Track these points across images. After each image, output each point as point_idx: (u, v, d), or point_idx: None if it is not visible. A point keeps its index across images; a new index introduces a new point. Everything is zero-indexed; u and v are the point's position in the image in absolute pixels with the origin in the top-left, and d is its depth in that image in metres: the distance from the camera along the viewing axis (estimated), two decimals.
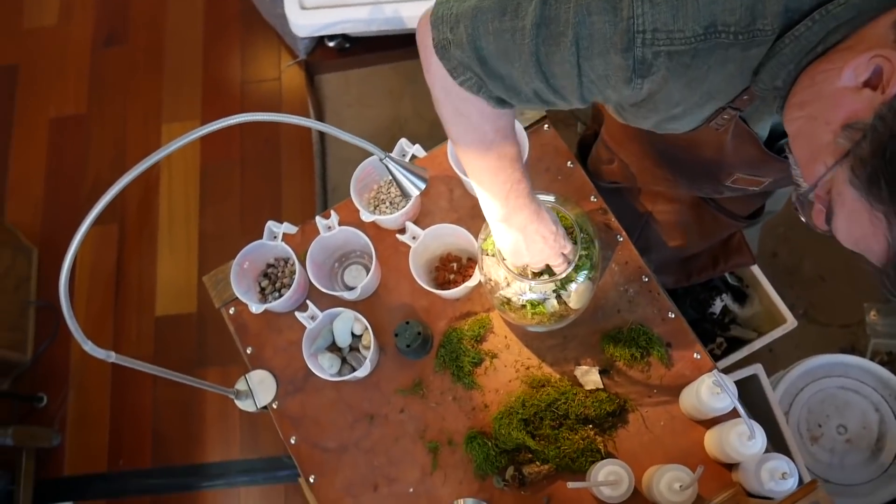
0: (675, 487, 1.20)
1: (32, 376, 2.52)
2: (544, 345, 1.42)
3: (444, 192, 1.52)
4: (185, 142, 0.88)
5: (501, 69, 0.90)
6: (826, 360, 1.79)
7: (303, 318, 1.39)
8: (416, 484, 1.39)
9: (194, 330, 2.48)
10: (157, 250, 2.59)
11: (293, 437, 1.44)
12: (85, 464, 2.43)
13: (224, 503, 2.34)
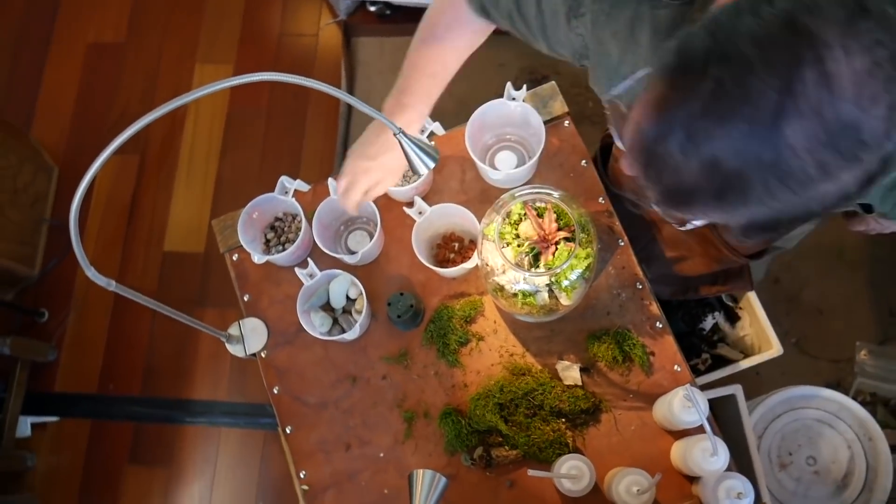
0: (633, 490, 1.24)
1: (37, 292, 2.58)
2: (531, 335, 1.45)
3: (457, 173, 1.55)
4: (213, 90, 0.90)
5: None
6: (807, 391, 1.82)
7: (302, 274, 1.43)
8: (387, 450, 1.43)
9: (199, 270, 2.53)
10: (173, 187, 2.63)
11: (276, 388, 1.48)
12: (76, 383, 2.50)
13: (204, 440, 2.40)
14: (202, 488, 2.37)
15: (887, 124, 0.58)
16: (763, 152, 0.59)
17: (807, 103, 0.57)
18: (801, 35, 0.57)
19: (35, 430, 2.45)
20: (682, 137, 0.62)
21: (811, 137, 0.58)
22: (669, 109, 0.63)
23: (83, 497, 2.39)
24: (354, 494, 1.41)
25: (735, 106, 0.59)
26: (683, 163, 0.63)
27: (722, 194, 0.63)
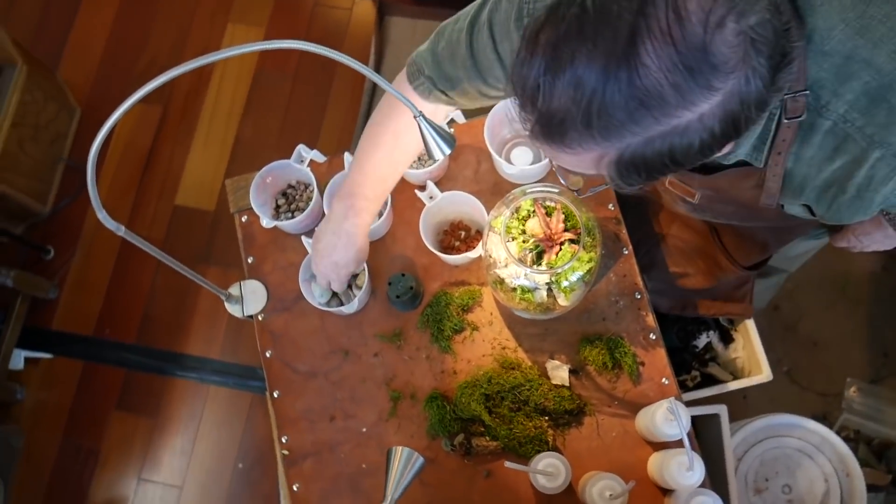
0: (606, 495, 1.25)
1: (46, 229, 2.60)
2: (525, 331, 1.46)
3: (472, 163, 1.56)
4: (243, 51, 0.91)
5: (450, 70, 1.08)
6: (792, 420, 1.82)
7: (308, 243, 1.44)
8: (370, 426, 1.45)
9: (207, 228, 2.55)
10: (192, 142, 2.65)
11: (269, 351, 1.50)
12: (73, 323, 2.52)
13: (192, 395, 2.43)
14: (185, 442, 2.40)
15: (737, 52, 0.62)
16: (620, 71, 0.62)
17: (657, 24, 0.61)
18: None
19: (28, 364, 2.49)
20: (550, 59, 0.66)
21: (663, 57, 0.62)
22: (540, 36, 0.67)
23: (67, 435, 2.43)
24: (333, 465, 1.44)
25: (596, 27, 0.63)
26: (547, 87, 0.67)
27: (589, 119, 0.66)
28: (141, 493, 2.37)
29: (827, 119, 0.79)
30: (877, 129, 0.77)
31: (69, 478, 2.40)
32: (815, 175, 0.86)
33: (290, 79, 2.69)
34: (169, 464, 2.39)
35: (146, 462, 2.39)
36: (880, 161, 0.79)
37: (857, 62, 0.76)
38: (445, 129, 1.09)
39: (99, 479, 2.39)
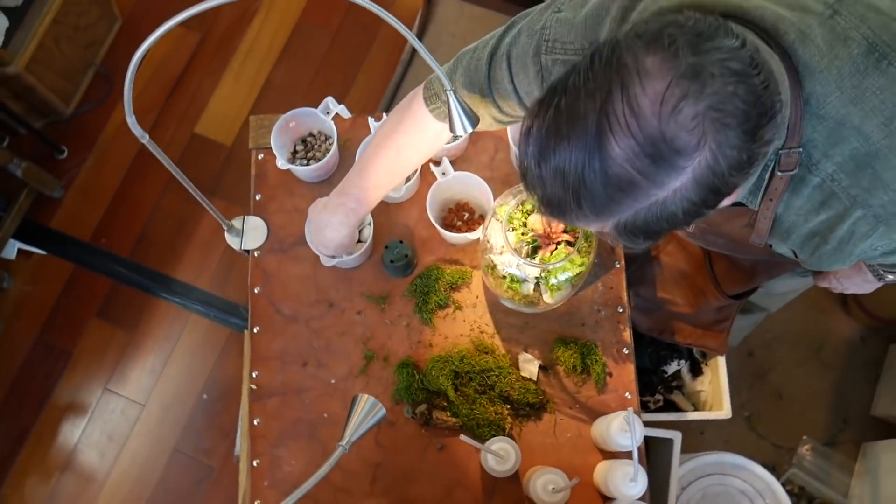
0: (548, 488, 1.30)
1: (64, 129, 2.63)
2: (505, 320, 1.51)
3: (490, 150, 1.59)
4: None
5: (466, 97, 1.13)
6: (741, 462, 1.87)
7: None
8: (339, 378, 1.49)
9: (220, 161, 2.58)
10: (223, 75, 2.68)
11: (258, 288, 1.54)
12: (72, 226, 2.56)
13: (172, 319, 2.47)
14: (156, 362, 2.44)
15: (696, 133, 0.68)
16: (593, 164, 0.70)
17: (617, 120, 0.68)
18: (614, 67, 0.70)
19: (20, 255, 2.52)
20: (536, 153, 0.74)
21: (626, 148, 0.69)
22: (528, 131, 0.75)
23: (44, 332, 2.47)
24: (296, 409, 1.48)
25: (568, 128, 0.71)
26: (539, 175, 0.75)
27: (579, 201, 0.73)
28: (104, 402, 2.41)
29: (816, 176, 0.85)
30: (860, 192, 0.83)
31: (37, 374, 2.44)
32: (801, 223, 0.92)
33: (331, 35, 2.72)
34: (136, 380, 2.43)
35: (115, 374, 2.44)
36: (861, 220, 0.85)
37: (849, 128, 0.81)
38: (470, 108, 1.13)
39: (66, 381, 2.43)
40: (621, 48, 0.71)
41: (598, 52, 0.73)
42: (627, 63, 0.69)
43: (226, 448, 2.36)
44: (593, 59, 0.72)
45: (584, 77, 0.72)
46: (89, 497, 2.33)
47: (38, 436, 2.39)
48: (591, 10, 0.94)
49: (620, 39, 0.72)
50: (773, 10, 0.82)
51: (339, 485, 1.44)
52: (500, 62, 1.06)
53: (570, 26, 0.95)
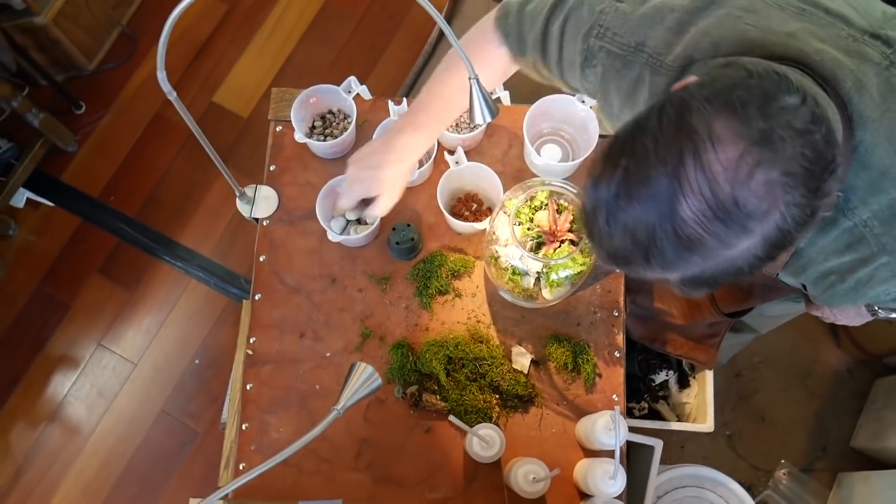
0: (529, 478, 1.33)
1: (84, 85, 2.66)
2: (503, 312, 1.53)
3: (503, 145, 1.62)
4: None
5: (525, 33, 1.14)
6: (719, 477, 1.90)
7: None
8: (335, 353, 1.52)
9: (235, 132, 2.60)
10: (247, 47, 2.71)
11: (263, 256, 1.56)
12: (83, 181, 2.58)
13: (173, 283, 2.49)
14: (151, 324, 2.47)
15: (768, 198, 0.70)
16: (664, 225, 0.72)
17: (690, 187, 0.70)
18: (684, 132, 0.71)
19: (28, 205, 2.55)
20: (605, 213, 0.76)
21: (699, 213, 0.70)
22: (596, 191, 0.77)
23: (44, 283, 2.49)
24: (289, 378, 1.51)
25: (639, 190, 0.73)
26: (608, 233, 0.77)
27: (647, 257, 0.75)
28: (97, 357, 2.44)
29: (849, 220, 0.87)
30: (890, 240, 0.86)
31: (34, 323, 2.46)
32: (820, 262, 0.95)
33: (357, 18, 2.74)
34: (131, 339, 2.46)
35: (110, 331, 2.46)
36: (885, 266, 0.88)
37: (890, 179, 0.84)
38: (492, 99, 1.16)
39: (62, 333, 2.45)
40: (691, 111, 0.72)
41: (664, 112, 0.74)
42: (698, 129, 0.71)
43: (213, 414, 2.39)
44: (661, 120, 0.73)
45: (653, 140, 0.73)
46: (73, 449, 2.36)
47: (28, 384, 2.42)
48: (648, 10, 0.96)
49: (688, 100, 0.73)
50: (832, 57, 0.84)
51: (324, 455, 1.47)
52: (556, 19, 1.07)
53: (625, 20, 0.97)
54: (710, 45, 0.89)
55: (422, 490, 1.46)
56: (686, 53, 0.92)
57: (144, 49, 2.70)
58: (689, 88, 0.75)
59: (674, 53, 0.93)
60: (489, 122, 1.56)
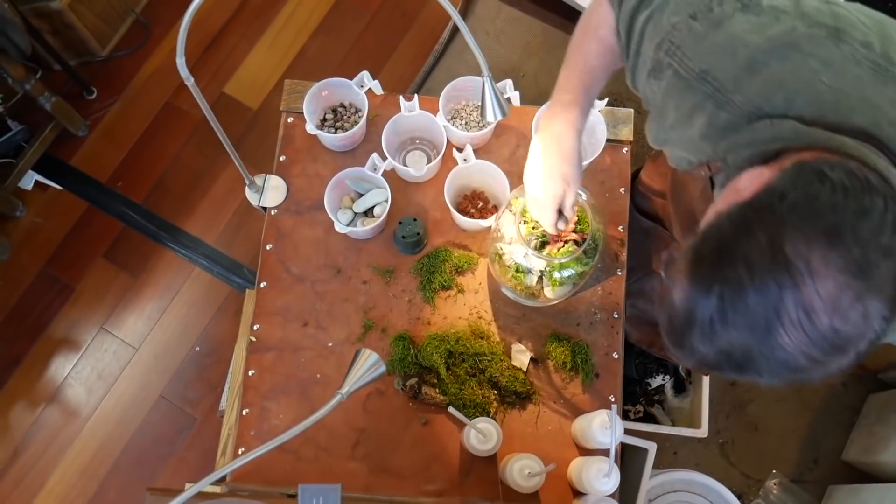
0: (524, 473, 1.35)
1: (96, 71, 2.68)
2: (504, 310, 1.55)
3: (511, 145, 1.64)
4: None
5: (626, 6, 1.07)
6: (710, 483, 1.92)
7: (371, 161, 1.53)
8: (337, 343, 1.54)
9: (244, 123, 2.63)
10: (259, 40, 2.73)
11: (270, 245, 1.58)
12: (91, 166, 2.60)
13: (176, 270, 2.51)
14: (153, 310, 2.49)
15: (864, 326, 0.72)
16: (762, 349, 0.74)
17: (790, 319, 0.72)
18: (780, 264, 0.71)
19: (36, 187, 2.57)
20: (699, 334, 0.77)
21: (797, 341, 0.72)
22: (688, 312, 0.77)
23: (49, 265, 2.51)
24: (291, 366, 1.52)
25: (736, 319, 0.74)
26: (703, 352, 0.78)
27: (741, 371, 0.77)
28: (98, 341, 2.45)
29: None
30: None
31: (37, 304, 2.48)
32: None
33: (369, 15, 2.76)
34: (133, 324, 2.47)
35: (112, 315, 2.48)
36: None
37: None
38: (504, 100, 1.18)
39: (64, 315, 2.47)
40: (784, 240, 0.72)
41: (754, 237, 0.73)
42: (795, 262, 0.71)
43: (211, 402, 2.40)
44: (752, 246, 0.73)
45: (747, 270, 0.73)
46: (72, 431, 2.37)
47: (30, 365, 2.43)
48: (721, 39, 0.92)
49: (779, 227, 0.73)
50: None
51: (322, 444, 1.49)
52: (640, 14, 1.03)
53: (696, 42, 0.94)
54: (784, 100, 0.87)
55: (417, 482, 1.47)
56: (757, 102, 0.89)
57: (157, 38, 2.72)
58: (775, 209, 0.74)
59: (742, 94, 0.91)
60: (499, 121, 1.58)
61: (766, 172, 0.80)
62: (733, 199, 0.80)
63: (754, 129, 0.89)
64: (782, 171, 0.78)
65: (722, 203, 0.83)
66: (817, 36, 0.87)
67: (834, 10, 0.89)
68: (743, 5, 0.91)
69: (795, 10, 0.89)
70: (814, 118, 0.85)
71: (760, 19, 0.90)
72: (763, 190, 0.77)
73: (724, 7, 0.92)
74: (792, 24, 0.88)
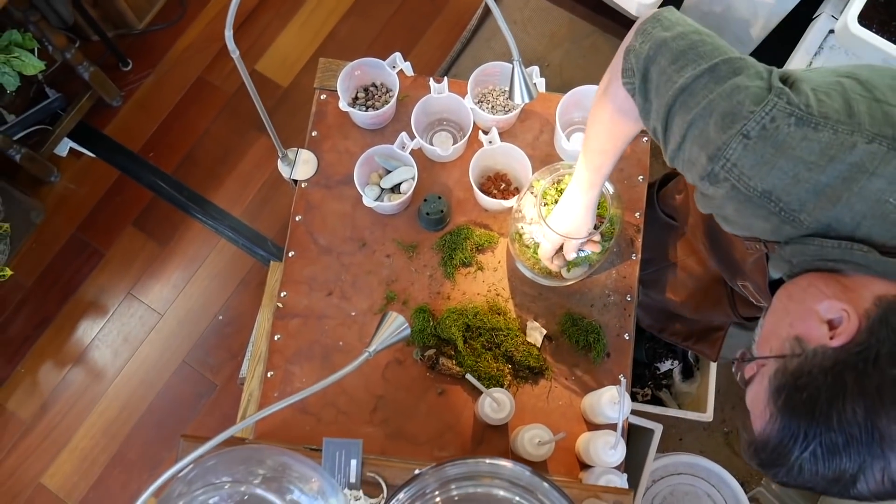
0: (534, 441, 1.41)
1: (132, 43, 2.75)
2: (521, 288, 1.61)
3: (535, 130, 1.70)
4: None
5: (650, 94, 1.05)
6: (714, 468, 1.98)
7: (400, 140, 1.60)
8: (359, 313, 1.60)
9: (275, 99, 2.69)
10: (291, 19, 2.79)
11: (299, 216, 1.65)
12: (124, 136, 2.68)
13: (203, 241, 2.59)
14: (179, 278, 2.56)
15: None
16: (839, 491, 0.81)
17: (874, 478, 0.79)
18: (875, 438, 0.77)
19: (71, 154, 2.65)
20: (785, 475, 0.84)
21: (873, 493, 0.80)
22: (778, 450, 0.84)
23: (80, 230, 2.59)
24: (315, 332, 1.59)
25: (825, 472, 0.80)
26: (785, 480, 0.85)
27: (818, 493, 0.87)
28: (125, 306, 2.54)
29: None
30: None
31: (68, 268, 2.56)
32: None
33: (399, 0, 2.82)
34: (159, 291, 2.55)
35: (140, 281, 2.56)
36: None
37: None
38: (532, 84, 1.24)
39: (93, 279, 2.55)
40: (879, 416, 0.77)
41: (847, 406, 0.79)
42: (886, 436, 0.77)
43: (231, 370, 2.48)
44: (847, 415, 0.78)
45: (844, 438, 0.78)
46: (97, 390, 2.46)
47: (59, 326, 2.52)
48: (783, 164, 0.88)
49: (875, 402, 0.78)
50: None
51: (342, 408, 1.55)
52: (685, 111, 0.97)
53: (756, 164, 0.89)
54: (852, 222, 0.86)
55: (431, 448, 1.54)
56: (825, 222, 0.88)
57: (192, 13, 2.79)
58: (870, 375, 0.79)
59: (809, 213, 0.88)
60: (524, 105, 1.64)
61: (853, 317, 0.83)
62: (817, 332, 0.85)
63: (822, 245, 0.88)
64: (868, 317, 0.83)
65: (801, 325, 0.88)
66: (879, 152, 0.84)
67: (885, 111, 0.87)
68: (797, 119, 0.86)
69: (850, 119, 0.86)
70: (883, 241, 0.85)
71: (819, 135, 0.86)
72: (854, 346, 0.82)
73: (777, 124, 0.87)
74: (852, 141, 0.84)
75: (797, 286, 0.94)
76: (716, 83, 0.94)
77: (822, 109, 0.87)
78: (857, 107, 0.87)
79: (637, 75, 1.06)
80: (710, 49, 0.98)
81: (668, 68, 1.00)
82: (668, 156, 1.05)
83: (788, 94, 0.88)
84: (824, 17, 2.04)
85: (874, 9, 1.83)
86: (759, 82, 0.92)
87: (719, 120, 0.92)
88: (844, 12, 1.84)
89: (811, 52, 2.03)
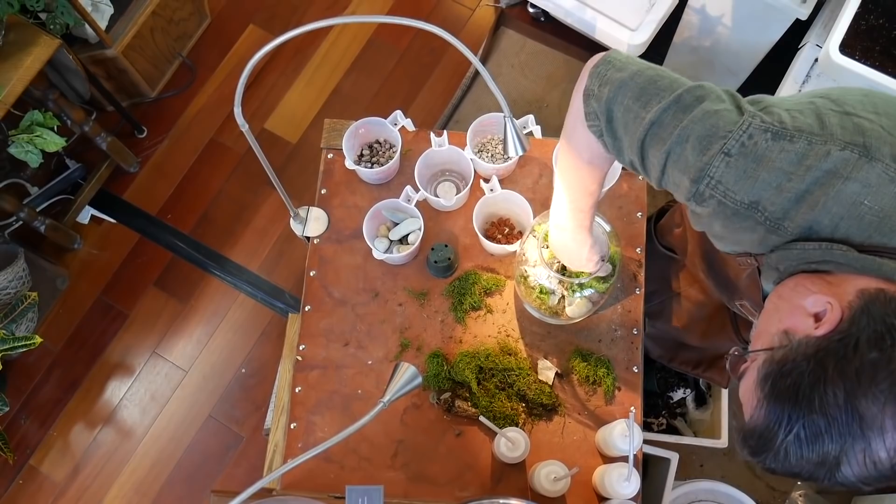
0: (550, 477, 1.46)
1: (146, 111, 2.87)
2: (530, 328, 1.67)
3: (534, 175, 1.77)
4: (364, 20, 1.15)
5: (618, 133, 1.12)
6: (734, 493, 2.00)
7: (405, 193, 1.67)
8: (376, 361, 1.66)
9: (284, 156, 2.79)
10: (297, 78, 2.90)
11: (314, 271, 1.72)
12: (142, 200, 2.78)
13: (222, 296, 2.67)
14: (202, 334, 2.64)
15: None
16: (824, 475, 0.85)
17: (857, 460, 0.82)
18: (856, 420, 0.81)
19: (92, 221, 2.75)
20: (772, 460, 0.88)
21: (859, 474, 0.83)
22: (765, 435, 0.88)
23: (105, 294, 2.68)
24: (334, 382, 1.65)
25: (809, 455, 0.84)
26: (772, 467, 0.89)
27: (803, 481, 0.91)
28: (150, 364, 2.61)
29: None
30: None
31: (94, 330, 2.65)
32: None
33: (399, 53, 2.92)
34: (183, 348, 2.63)
35: (164, 340, 2.64)
36: None
37: None
38: (524, 136, 1.31)
39: (119, 340, 2.64)
40: (857, 397, 0.80)
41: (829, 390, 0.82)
42: (867, 418, 0.80)
43: (256, 421, 2.54)
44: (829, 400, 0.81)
45: (825, 421, 0.82)
46: (127, 449, 2.53)
47: (88, 387, 2.60)
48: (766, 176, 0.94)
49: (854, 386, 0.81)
50: None
51: (364, 454, 1.61)
52: (659, 142, 1.03)
53: (740, 179, 0.95)
54: (830, 224, 0.91)
55: (452, 488, 1.59)
56: (806, 226, 0.93)
57: (202, 78, 2.91)
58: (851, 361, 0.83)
59: (791, 220, 0.94)
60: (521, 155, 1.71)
61: (836, 307, 0.87)
62: (803, 325, 0.90)
63: (805, 249, 0.93)
64: (851, 308, 0.87)
65: (789, 320, 0.92)
66: (851, 158, 0.90)
67: (856, 122, 0.93)
68: (773, 133, 0.93)
69: (822, 131, 0.92)
70: (861, 240, 0.91)
71: (795, 146, 0.92)
72: (836, 334, 0.86)
73: (756, 140, 0.94)
74: (826, 150, 0.91)
75: (786, 287, 0.99)
76: (683, 112, 1.00)
77: (796, 124, 0.93)
78: (829, 119, 0.94)
79: (601, 118, 1.12)
80: (668, 82, 1.05)
81: (633, 106, 1.06)
82: (654, 183, 1.12)
83: (761, 115, 0.95)
84: (809, 47, 2.11)
85: (856, 37, 1.89)
86: (724, 105, 0.99)
87: (696, 143, 0.98)
88: (826, 41, 1.91)
89: (799, 81, 2.09)
